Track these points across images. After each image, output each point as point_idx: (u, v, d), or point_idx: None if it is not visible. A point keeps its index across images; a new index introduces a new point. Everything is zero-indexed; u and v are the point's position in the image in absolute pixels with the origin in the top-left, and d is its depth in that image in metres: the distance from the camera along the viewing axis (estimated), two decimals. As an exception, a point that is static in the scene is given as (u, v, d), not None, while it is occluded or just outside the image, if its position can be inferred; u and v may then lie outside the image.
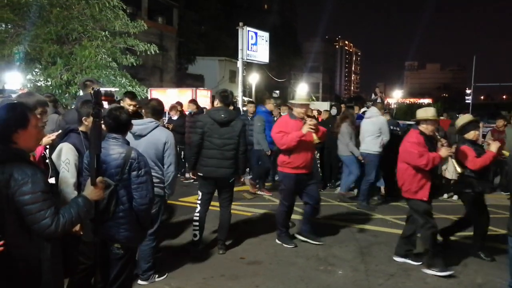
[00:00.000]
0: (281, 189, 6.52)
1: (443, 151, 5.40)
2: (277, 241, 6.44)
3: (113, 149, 3.57)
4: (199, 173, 5.91)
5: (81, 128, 4.10)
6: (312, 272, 5.42)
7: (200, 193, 5.95)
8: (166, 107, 9.64)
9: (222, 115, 5.76)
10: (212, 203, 6.05)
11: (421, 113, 5.59)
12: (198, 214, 5.89)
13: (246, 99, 20.69)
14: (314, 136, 6.04)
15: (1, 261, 2.40)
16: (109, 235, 3.54)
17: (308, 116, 6.18)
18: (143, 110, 5.56)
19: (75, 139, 4.02)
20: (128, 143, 3.75)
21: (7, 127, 2.48)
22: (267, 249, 6.20)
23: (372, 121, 8.87)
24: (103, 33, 13.30)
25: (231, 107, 11.19)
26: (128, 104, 5.82)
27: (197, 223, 5.88)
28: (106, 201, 3.31)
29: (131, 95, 6.14)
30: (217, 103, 6.00)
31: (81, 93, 7.12)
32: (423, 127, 5.51)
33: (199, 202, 5.93)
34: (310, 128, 5.96)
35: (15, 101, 3.47)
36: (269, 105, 10.10)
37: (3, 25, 13.40)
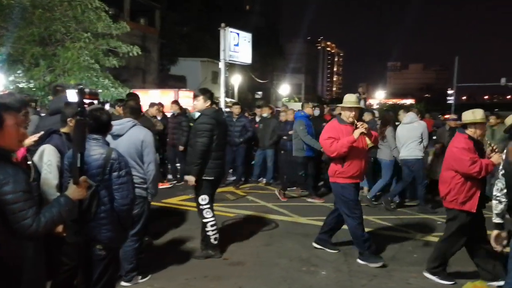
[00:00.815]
0: (345, 202, 5.80)
1: (496, 157, 4.88)
2: (359, 261, 5.81)
3: (94, 150, 3.58)
4: (207, 177, 5.76)
5: (64, 130, 4.12)
6: (295, 273, 5.49)
7: (207, 197, 5.84)
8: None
9: (223, 116, 5.80)
10: (195, 204, 6.07)
11: (468, 116, 5.12)
12: (213, 218, 5.89)
13: (229, 100, 20.73)
14: (368, 141, 5.76)
15: None
16: (91, 236, 3.55)
17: (357, 120, 5.80)
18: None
19: (57, 140, 4.04)
20: (108, 144, 3.78)
21: None
22: (250, 250, 6.26)
23: (414, 126, 8.77)
24: (86, 34, 13.24)
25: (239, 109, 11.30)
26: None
27: (215, 227, 5.90)
28: (87, 202, 3.33)
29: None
30: (206, 103, 5.85)
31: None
32: (471, 131, 5.06)
33: (208, 206, 5.86)
34: (362, 133, 5.59)
35: None
36: (308, 109, 9.89)
37: (-15, 27, 13.28)
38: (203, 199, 5.85)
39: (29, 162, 3.85)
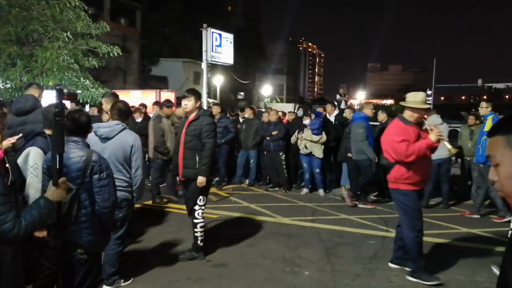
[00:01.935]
0: (405, 211, 5.26)
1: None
2: (410, 278, 5.29)
3: (74, 152, 3.49)
4: (211, 178, 5.89)
5: (49, 132, 4.02)
6: (278, 274, 5.45)
7: (205, 198, 5.88)
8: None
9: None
10: (177, 206, 6.01)
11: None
12: (203, 220, 5.88)
13: (211, 101, 20.64)
14: (449, 146, 5.47)
15: None
16: (71, 240, 3.47)
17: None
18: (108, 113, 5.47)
19: (42, 142, 3.95)
20: (88, 146, 3.69)
21: None
22: (233, 252, 6.20)
23: (444, 126, 8.72)
24: (65, 34, 13.06)
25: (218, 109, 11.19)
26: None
27: (203, 229, 5.89)
28: (68, 205, 3.24)
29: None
30: (197, 103, 5.82)
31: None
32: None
33: (204, 207, 5.87)
34: (440, 138, 5.11)
35: None
36: (368, 110, 9.34)
37: (-40, 26, 13.02)
38: (202, 199, 5.83)
39: (7, 165, 3.75)
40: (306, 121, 10.00)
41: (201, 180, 5.64)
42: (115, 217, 4.50)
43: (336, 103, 18.09)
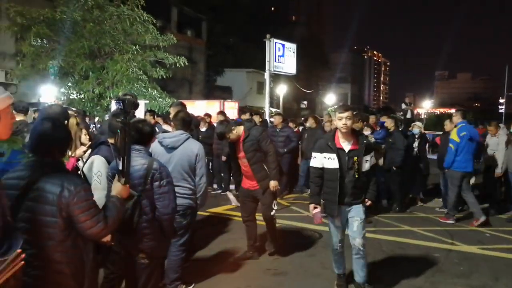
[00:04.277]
0: None
1: None
2: None
3: (136, 160, 3.63)
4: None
5: (112, 140, 4.22)
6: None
7: (276, 202, 6.31)
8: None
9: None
10: (239, 213, 6.11)
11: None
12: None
13: (273, 110, 20.79)
14: None
15: (50, 267, 2.53)
16: (134, 245, 3.62)
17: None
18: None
19: (106, 151, 4.13)
20: (150, 154, 3.84)
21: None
22: (293, 261, 6.20)
23: None
24: (134, 47, 13.61)
25: (259, 118, 11.30)
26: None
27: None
28: (130, 212, 3.40)
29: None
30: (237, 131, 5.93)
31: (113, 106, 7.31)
32: None
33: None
34: None
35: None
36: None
37: (39, 41, 13.87)
38: (275, 203, 6.19)
39: (79, 172, 3.98)
40: (367, 132, 9.65)
41: (273, 184, 5.91)
42: (179, 224, 4.65)
43: (402, 112, 17.74)
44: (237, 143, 5.93)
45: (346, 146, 4.80)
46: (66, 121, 4.18)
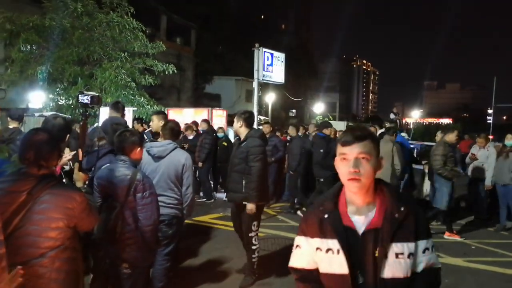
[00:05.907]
0: None
1: None
2: None
3: (120, 171, 3.66)
4: (261, 202, 5.68)
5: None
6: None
7: (257, 223, 5.75)
8: (182, 127, 9.82)
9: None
10: (224, 222, 6.10)
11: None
12: (258, 245, 5.84)
13: (262, 118, 20.83)
14: None
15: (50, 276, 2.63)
16: (117, 255, 3.65)
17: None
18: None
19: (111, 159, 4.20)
20: (135, 166, 3.86)
21: None
22: (278, 271, 6.12)
23: None
24: (123, 54, 13.63)
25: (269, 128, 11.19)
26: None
27: (258, 253, 5.81)
28: (112, 222, 3.46)
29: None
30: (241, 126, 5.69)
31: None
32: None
33: (257, 232, 5.80)
34: None
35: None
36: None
37: (28, 47, 13.86)
38: (256, 224, 5.69)
39: (63, 181, 4.00)
40: None
41: (250, 207, 5.42)
42: (165, 234, 4.67)
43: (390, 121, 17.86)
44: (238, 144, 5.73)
45: (361, 220, 2.08)
46: (68, 134, 4.20)
